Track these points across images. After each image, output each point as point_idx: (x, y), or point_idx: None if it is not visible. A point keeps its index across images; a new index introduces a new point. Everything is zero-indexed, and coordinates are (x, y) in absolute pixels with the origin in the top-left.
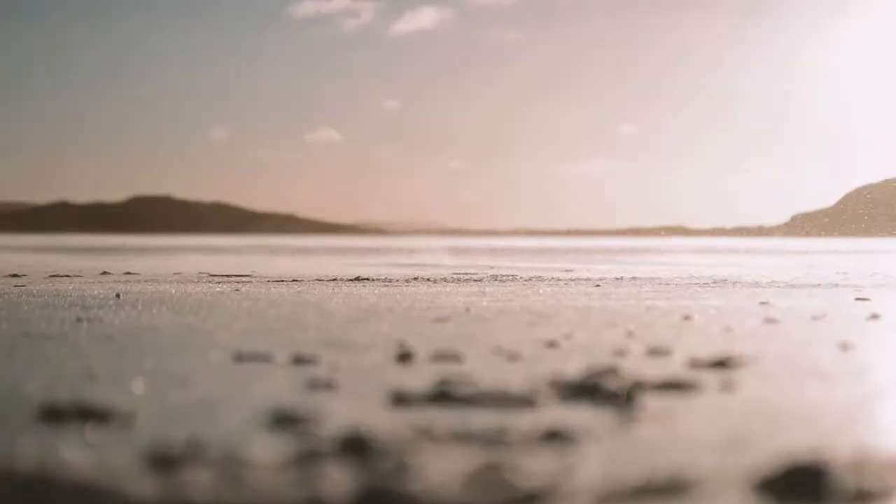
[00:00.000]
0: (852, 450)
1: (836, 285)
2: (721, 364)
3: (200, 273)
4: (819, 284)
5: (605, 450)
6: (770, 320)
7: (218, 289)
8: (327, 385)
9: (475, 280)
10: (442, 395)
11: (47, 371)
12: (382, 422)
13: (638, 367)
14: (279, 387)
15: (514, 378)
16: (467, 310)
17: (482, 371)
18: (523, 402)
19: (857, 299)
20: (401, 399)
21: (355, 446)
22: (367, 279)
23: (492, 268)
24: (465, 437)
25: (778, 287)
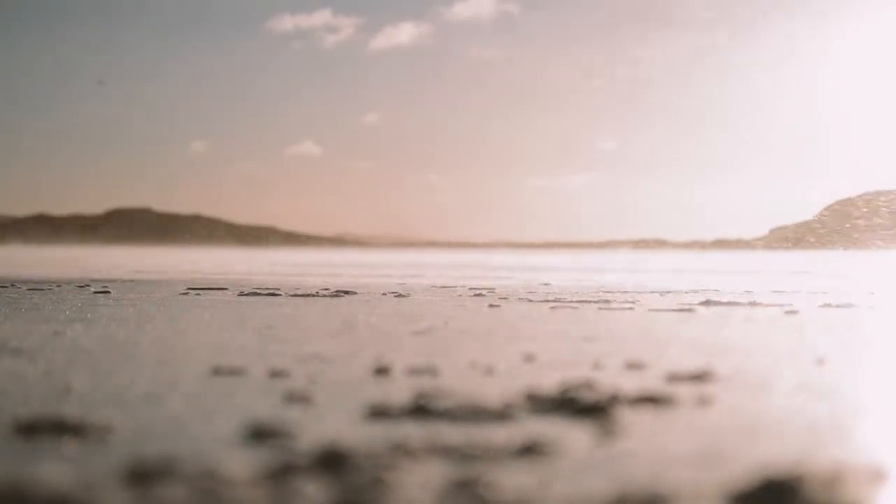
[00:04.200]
0: (827, 464)
1: (817, 300)
2: (697, 378)
3: (179, 285)
4: (798, 299)
5: (580, 464)
6: (747, 335)
7: (196, 301)
8: (304, 399)
9: (454, 294)
10: (419, 409)
11: (23, 385)
12: (359, 435)
13: (614, 381)
14: (256, 401)
15: (490, 392)
16: (446, 323)
17: (459, 385)
18: (499, 415)
19: (833, 306)
20: (378, 413)
21: (331, 460)
22: (346, 292)
23: (471, 282)
24: (441, 451)
25: (757, 302)
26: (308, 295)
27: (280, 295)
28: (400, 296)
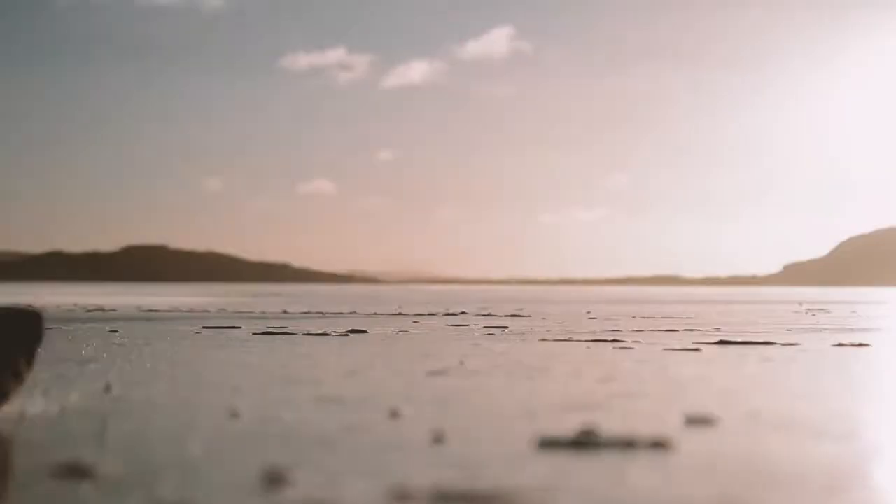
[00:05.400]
0: None
1: (830, 339)
2: (713, 421)
3: (192, 324)
4: (812, 338)
5: None
6: (762, 376)
7: (211, 341)
8: (320, 443)
9: (470, 332)
10: (429, 453)
11: (40, 428)
12: (371, 482)
13: (629, 423)
14: (271, 446)
15: (505, 435)
16: (461, 363)
17: (473, 428)
18: (513, 460)
19: (846, 345)
20: (390, 457)
21: None
22: (361, 331)
23: (485, 321)
24: (448, 499)
25: (771, 342)
26: (322, 333)
27: (294, 334)
28: (414, 333)
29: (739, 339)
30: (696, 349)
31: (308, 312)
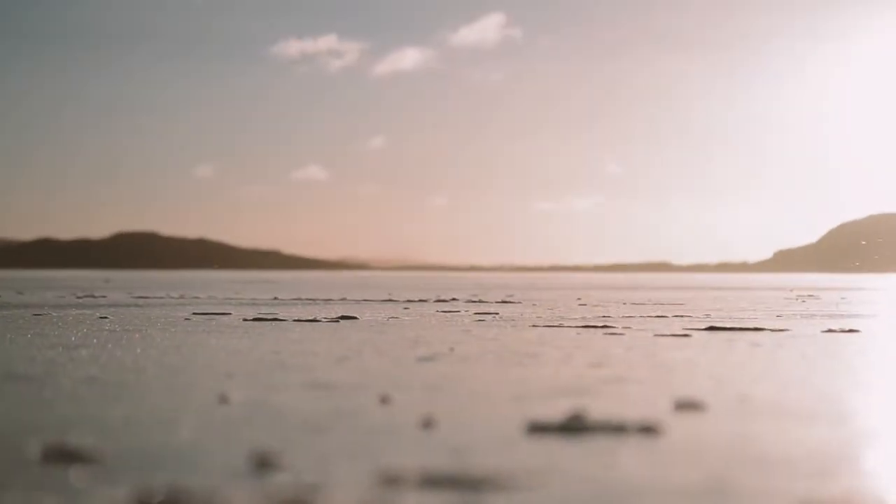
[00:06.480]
0: (835, 494)
1: (820, 325)
2: (702, 406)
3: (182, 310)
4: (802, 324)
5: (583, 494)
6: (752, 362)
7: (201, 327)
8: (311, 429)
9: (461, 319)
10: (421, 439)
11: (30, 412)
12: (362, 466)
13: (618, 408)
14: (262, 430)
15: (494, 420)
16: (451, 350)
17: (463, 413)
18: (502, 444)
19: (836, 331)
20: (381, 442)
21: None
22: (352, 317)
23: (476, 307)
24: (438, 482)
25: (760, 327)
26: (312, 319)
27: (284, 320)
28: (405, 320)
29: (729, 325)
30: (686, 335)
31: (298, 299)
